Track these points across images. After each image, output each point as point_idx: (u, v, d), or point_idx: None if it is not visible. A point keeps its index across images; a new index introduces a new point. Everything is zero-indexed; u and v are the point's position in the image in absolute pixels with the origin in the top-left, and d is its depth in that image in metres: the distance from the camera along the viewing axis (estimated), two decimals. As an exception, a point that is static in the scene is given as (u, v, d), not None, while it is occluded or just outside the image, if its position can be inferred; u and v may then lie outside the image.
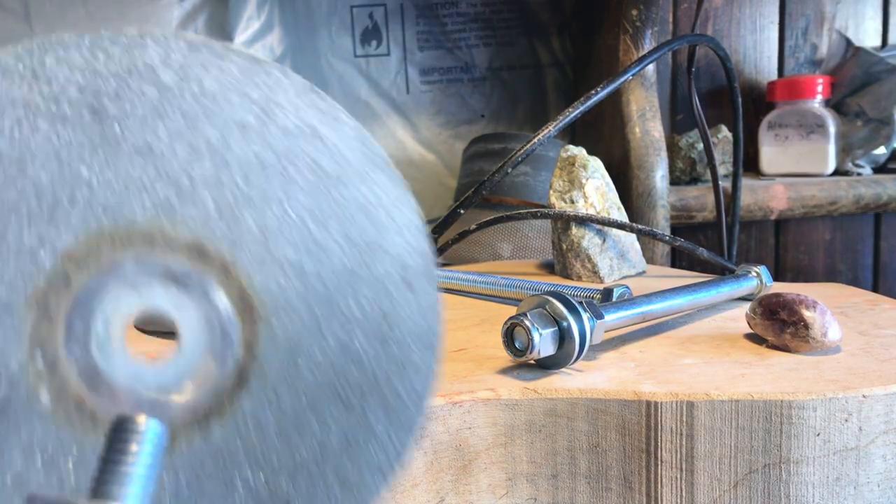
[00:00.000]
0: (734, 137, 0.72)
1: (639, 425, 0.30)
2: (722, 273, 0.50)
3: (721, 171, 0.75)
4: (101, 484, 0.17)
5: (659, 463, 0.30)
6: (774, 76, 0.89)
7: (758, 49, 0.88)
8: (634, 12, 0.70)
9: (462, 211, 0.58)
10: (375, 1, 0.81)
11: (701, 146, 0.77)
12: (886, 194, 0.77)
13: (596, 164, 0.58)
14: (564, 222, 0.55)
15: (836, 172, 0.80)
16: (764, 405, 0.29)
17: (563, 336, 0.32)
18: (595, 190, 0.56)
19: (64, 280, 0.20)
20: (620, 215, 0.58)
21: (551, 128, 0.54)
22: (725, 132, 0.81)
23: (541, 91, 0.86)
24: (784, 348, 0.35)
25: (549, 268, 0.60)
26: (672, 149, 0.80)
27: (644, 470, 0.30)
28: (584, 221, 0.55)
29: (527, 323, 0.31)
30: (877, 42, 0.90)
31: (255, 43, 0.77)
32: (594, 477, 0.31)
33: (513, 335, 0.32)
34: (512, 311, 0.33)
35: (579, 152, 0.58)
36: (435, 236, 0.58)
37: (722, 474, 0.30)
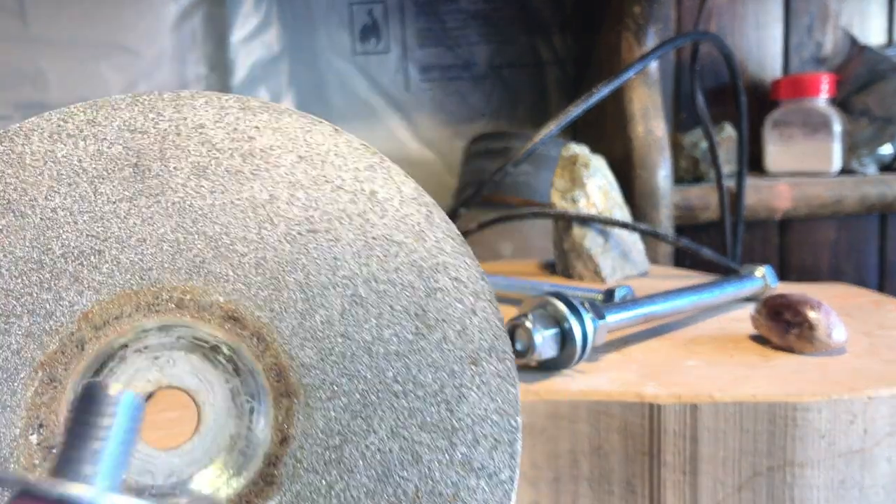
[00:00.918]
0: (738, 136, 0.72)
1: (642, 428, 0.29)
2: (726, 273, 0.49)
3: (725, 170, 0.74)
4: (68, 462, 0.14)
5: (662, 466, 0.29)
6: (779, 74, 0.88)
7: (762, 46, 0.87)
8: (637, 9, 0.70)
9: (462, 210, 0.57)
10: (375, -2, 0.80)
11: (704, 145, 0.76)
12: (892, 194, 0.77)
13: (598, 163, 0.57)
14: (566, 222, 0.55)
15: (842, 171, 0.80)
16: (768, 407, 0.29)
17: (565, 337, 0.31)
18: (597, 189, 0.56)
19: (79, 345, 0.18)
20: (623, 214, 0.58)
21: (553, 126, 0.54)
22: (729, 130, 0.81)
23: (542, 89, 0.86)
24: (789, 349, 0.35)
25: (551, 268, 0.60)
26: (675, 147, 0.80)
27: (647, 473, 0.30)
28: (586, 221, 0.54)
29: (528, 324, 0.31)
30: (882, 40, 0.89)
31: (253, 40, 0.77)
32: (596, 480, 0.30)
33: (514, 336, 0.32)
34: (513, 312, 0.33)
35: (581, 151, 0.57)
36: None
37: (726, 477, 0.29)
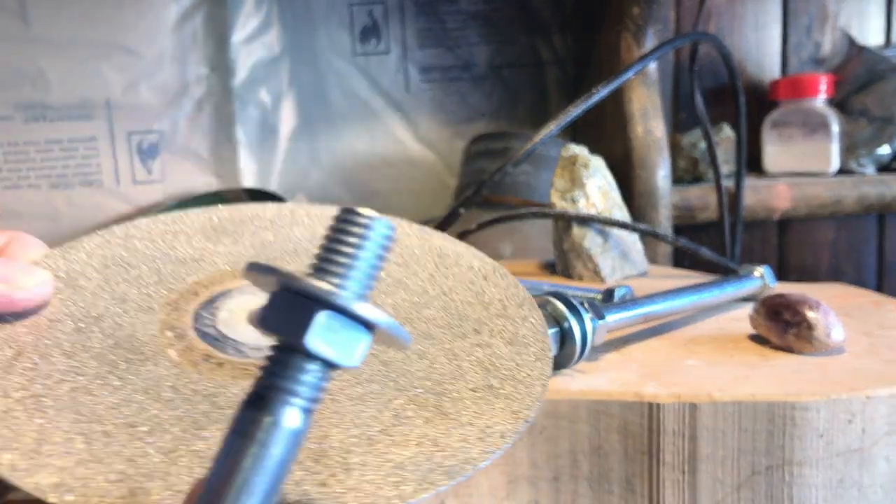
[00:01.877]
0: (737, 136, 0.72)
1: (641, 427, 0.30)
2: (725, 273, 0.49)
3: (724, 170, 0.74)
4: (323, 271, 0.18)
5: (661, 465, 0.29)
6: (777, 74, 0.88)
7: (760, 47, 0.88)
8: (636, 10, 0.70)
9: (462, 210, 0.57)
10: (375, -1, 0.80)
11: (703, 145, 0.76)
12: (890, 194, 0.77)
13: (598, 163, 0.57)
14: (566, 222, 0.55)
15: (841, 171, 0.80)
16: (767, 407, 0.29)
17: (565, 337, 0.32)
18: (597, 189, 0.56)
19: (193, 294, 0.29)
20: (623, 215, 0.58)
21: (553, 126, 0.54)
22: (728, 131, 0.81)
23: (542, 89, 0.86)
24: (788, 349, 0.35)
25: (551, 268, 0.60)
26: (674, 148, 0.80)
27: (646, 472, 0.30)
28: (586, 221, 0.54)
29: (527, 324, 0.31)
30: (881, 40, 0.89)
31: (254, 41, 0.77)
32: (596, 479, 0.30)
33: (513, 336, 0.32)
34: (512, 312, 0.33)
35: (581, 151, 0.57)
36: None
37: (725, 476, 0.29)
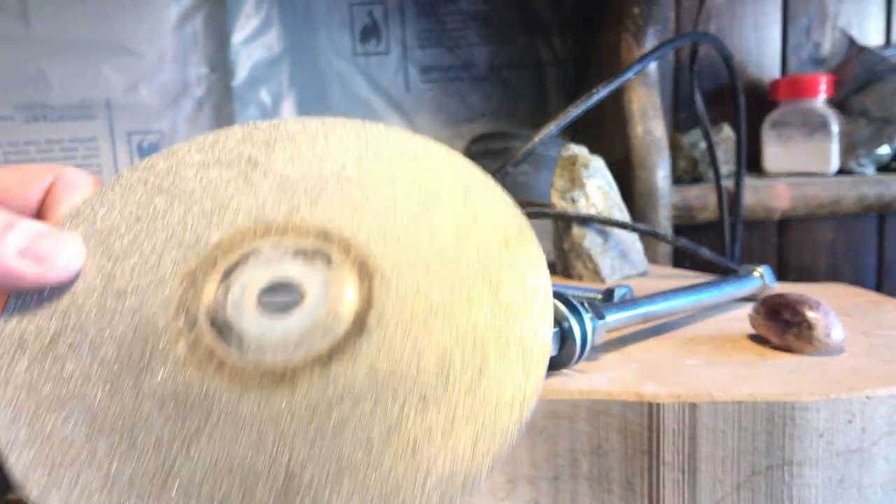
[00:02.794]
0: (737, 136, 0.72)
1: (641, 427, 0.30)
2: (725, 273, 0.49)
3: (723, 171, 0.74)
4: None
5: (661, 465, 0.30)
6: (777, 75, 0.88)
7: (760, 47, 0.88)
8: (636, 10, 0.70)
9: (463, 210, 0.57)
10: (375, -1, 0.80)
11: (703, 145, 0.76)
12: (890, 194, 0.77)
13: (597, 163, 0.57)
14: (565, 222, 0.55)
15: (840, 171, 0.80)
16: (767, 406, 0.29)
17: (565, 337, 0.32)
18: (597, 189, 0.56)
19: (212, 262, 0.26)
20: (622, 215, 0.58)
21: (552, 127, 0.54)
22: (728, 131, 0.81)
23: (542, 90, 0.86)
24: (787, 349, 0.35)
25: (551, 268, 0.60)
26: (674, 148, 0.80)
27: (646, 472, 0.30)
28: (586, 221, 0.54)
29: (527, 323, 0.31)
30: (880, 41, 0.89)
31: (254, 41, 0.77)
32: (596, 479, 0.30)
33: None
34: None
35: (580, 151, 0.57)
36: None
37: (724, 476, 0.29)
